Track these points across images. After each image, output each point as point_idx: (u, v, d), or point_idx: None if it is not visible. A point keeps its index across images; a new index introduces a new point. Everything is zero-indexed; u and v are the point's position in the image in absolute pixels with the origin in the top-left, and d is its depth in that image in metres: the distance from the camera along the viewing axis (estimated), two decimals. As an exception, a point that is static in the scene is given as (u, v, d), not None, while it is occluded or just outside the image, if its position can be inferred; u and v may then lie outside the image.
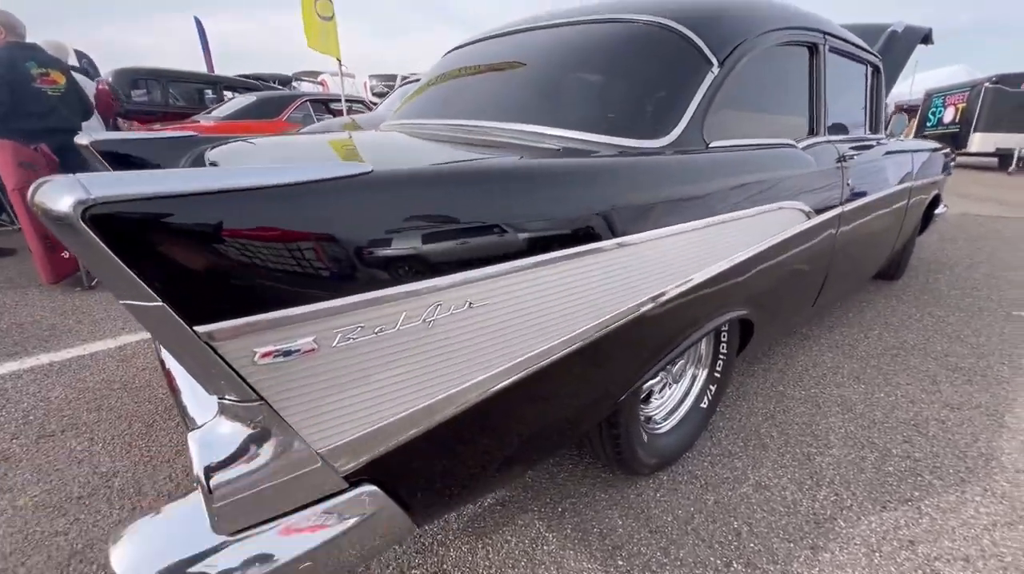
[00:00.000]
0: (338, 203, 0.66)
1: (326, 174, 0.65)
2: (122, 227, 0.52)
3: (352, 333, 0.68)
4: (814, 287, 1.90)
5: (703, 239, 1.22)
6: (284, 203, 0.62)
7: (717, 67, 1.35)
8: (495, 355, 0.85)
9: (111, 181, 0.52)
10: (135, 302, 0.56)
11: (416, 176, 0.76)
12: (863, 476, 1.51)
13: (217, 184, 0.57)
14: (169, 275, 0.56)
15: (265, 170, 0.62)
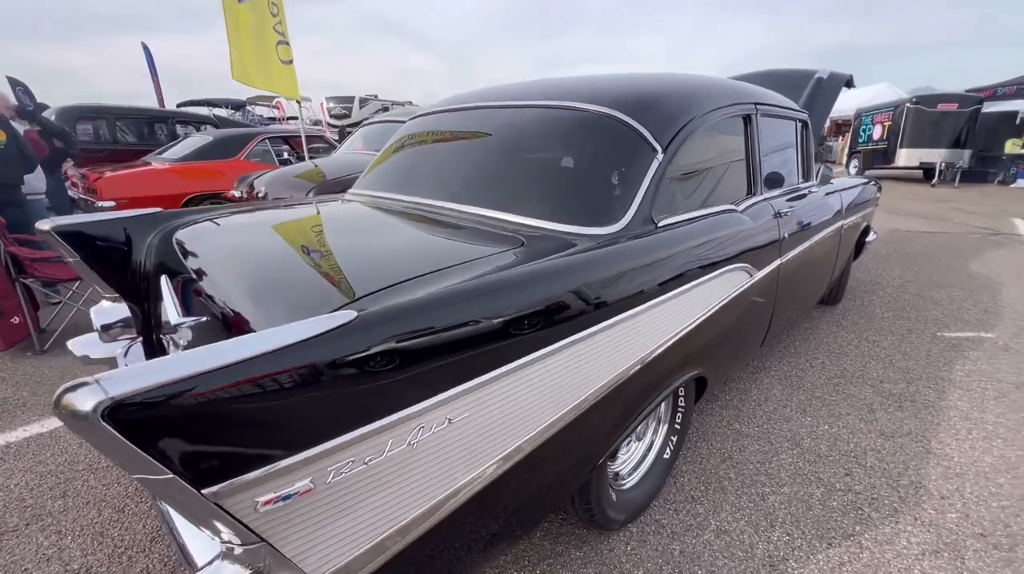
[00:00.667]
0: (325, 354, 0.73)
1: (313, 331, 0.72)
2: (135, 417, 0.57)
3: (344, 468, 0.75)
4: (761, 331, 2.07)
5: (659, 315, 1.34)
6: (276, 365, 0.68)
7: (661, 153, 1.49)
8: (475, 459, 0.93)
9: (124, 378, 0.57)
10: (147, 476, 0.61)
11: (395, 312, 0.83)
12: (811, 513, 1.65)
13: (214, 362, 0.63)
14: (177, 450, 0.61)
15: (255, 339, 0.68)
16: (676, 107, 1.61)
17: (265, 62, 4.43)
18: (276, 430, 0.68)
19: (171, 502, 0.66)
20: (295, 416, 0.70)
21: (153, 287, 1.68)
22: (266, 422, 0.67)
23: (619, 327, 1.21)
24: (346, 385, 0.74)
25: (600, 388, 1.18)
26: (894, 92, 15.99)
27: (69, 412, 0.54)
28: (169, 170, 4.95)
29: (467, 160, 1.75)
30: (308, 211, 1.84)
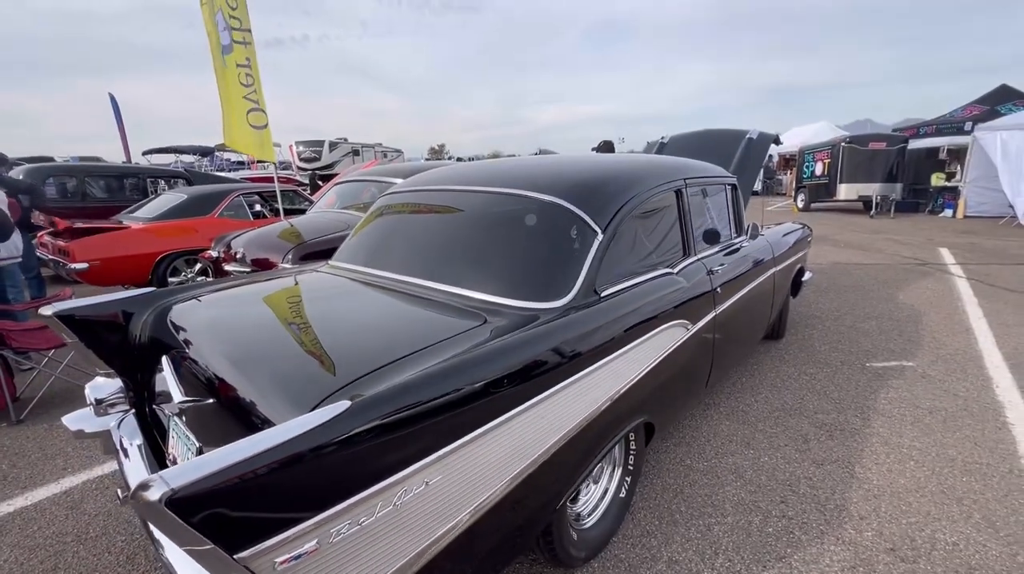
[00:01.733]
0: (325, 439, 0.93)
1: (314, 423, 0.92)
2: (187, 502, 0.76)
3: (343, 529, 0.94)
4: (703, 375, 2.34)
5: (606, 373, 1.58)
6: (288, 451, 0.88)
7: (601, 234, 1.77)
8: (451, 511, 1.13)
9: (181, 473, 0.76)
10: (195, 547, 0.79)
11: (380, 398, 1.04)
12: (750, 540, 1.88)
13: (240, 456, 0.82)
14: (217, 525, 0.80)
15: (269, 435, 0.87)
16: (613, 192, 1.91)
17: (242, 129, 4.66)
18: (290, 502, 0.87)
19: (208, 565, 0.83)
20: (305, 490, 0.89)
21: (148, 361, 1.83)
22: (282, 497, 0.86)
23: (572, 387, 1.44)
24: (343, 460, 0.94)
25: (558, 440, 1.40)
26: (831, 130, 17.38)
27: (143, 502, 0.73)
28: (143, 230, 5.04)
29: (433, 239, 2.00)
30: (292, 284, 2.03)
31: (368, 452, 0.97)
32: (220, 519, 0.80)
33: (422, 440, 1.06)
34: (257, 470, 0.83)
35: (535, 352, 1.38)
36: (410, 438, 1.04)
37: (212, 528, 0.79)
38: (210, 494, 0.78)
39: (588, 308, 1.64)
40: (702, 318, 2.19)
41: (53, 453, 2.60)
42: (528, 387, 1.31)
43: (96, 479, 2.36)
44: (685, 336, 2.04)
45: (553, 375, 1.39)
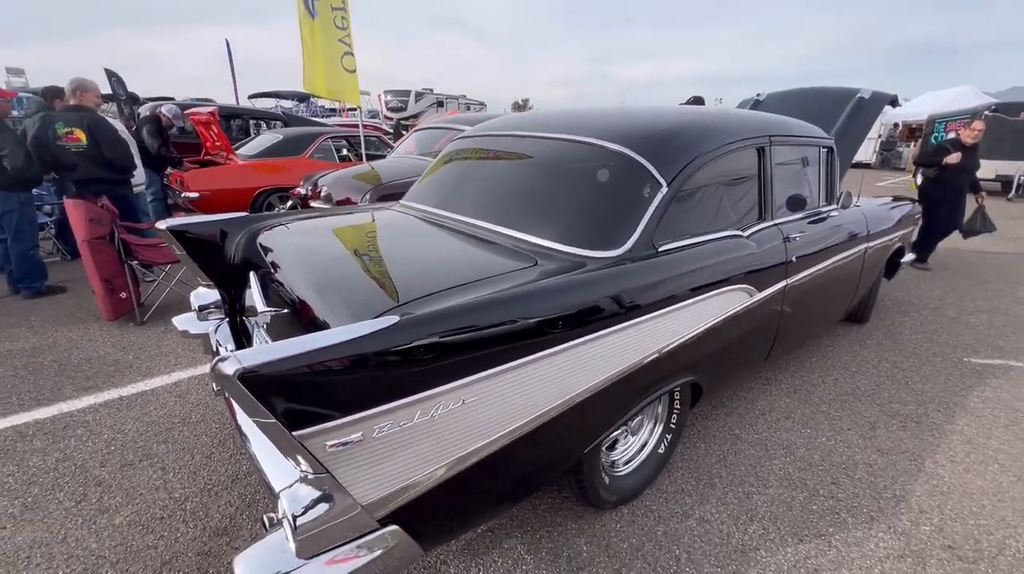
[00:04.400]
0: (376, 346, 1.03)
1: (369, 330, 1.02)
2: (257, 380, 0.89)
3: (385, 427, 1.05)
4: (765, 347, 2.24)
5: (655, 326, 1.57)
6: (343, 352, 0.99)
7: (666, 187, 1.71)
8: (484, 432, 1.21)
9: (251, 355, 0.89)
10: (261, 419, 0.93)
11: (427, 319, 1.12)
12: (790, 513, 1.84)
13: (305, 348, 0.94)
14: (281, 404, 0.93)
15: (330, 334, 0.99)
16: (684, 144, 1.82)
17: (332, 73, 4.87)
18: (342, 397, 0.99)
19: (271, 437, 0.97)
20: (354, 388, 1.00)
21: (239, 278, 2.07)
22: (335, 390, 0.98)
23: (614, 335, 1.46)
24: (388, 369, 1.04)
25: (596, 384, 1.43)
26: (976, 96, 14.91)
27: (220, 374, 0.87)
28: (244, 166, 5.53)
29: (497, 183, 2.03)
30: (366, 219, 2.18)
31: (412, 364, 1.07)
32: (282, 398, 0.93)
33: (462, 362, 1.14)
34: (314, 363, 0.95)
35: (581, 296, 1.40)
36: (451, 358, 1.12)
37: (275, 405, 0.92)
38: (274, 376, 0.91)
39: (643, 261, 1.62)
40: (769, 288, 2.07)
41: (167, 351, 3.04)
42: (570, 329, 1.34)
43: (199, 375, 2.75)
44: (746, 303, 1.96)
45: (595, 321, 1.41)
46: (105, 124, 3.78)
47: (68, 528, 1.72)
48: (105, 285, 3.27)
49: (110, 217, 3.29)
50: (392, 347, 1.04)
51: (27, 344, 3.11)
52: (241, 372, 0.87)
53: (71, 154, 3.65)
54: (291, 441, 0.96)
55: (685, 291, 1.69)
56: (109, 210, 3.34)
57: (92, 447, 2.15)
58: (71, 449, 2.13)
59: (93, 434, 2.23)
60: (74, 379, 2.71)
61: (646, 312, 1.55)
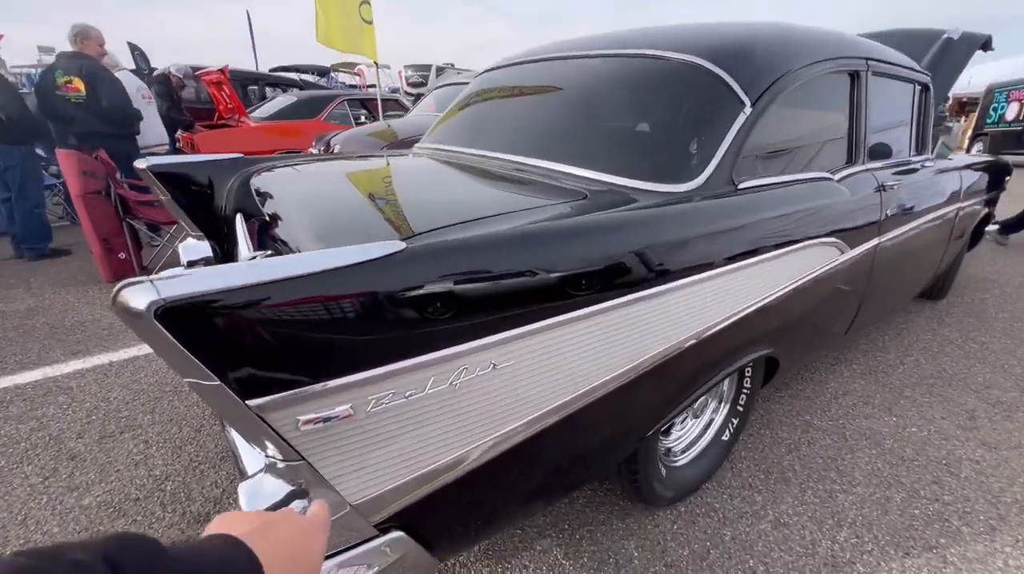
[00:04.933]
0: (373, 282, 0.71)
1: (363, 257, 0.71)
2: (185, 320, 0.59)
3: (384, 399, 0.74)
4: (846, 318, 1.87)
5: (730, 284, 1.23)
6: (325, 286, 0.68)
7: (749, 107, 1.34)
8: (518, 409, 0.90)
9: (177, 283, 0.59)
10: (197, 381, 0.63)
11: (444, 248, 0.81)
12: (887, 518, 1.50)
13: (264, 276, 0.63)
14: (225, 358, 0.62)
15: (305, 258, 0.68)
16: (770, 58, 1.44)
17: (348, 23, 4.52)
18: (321, 351, 0.68)
19: (220, 410, 0.68)
20: (339, 340, 0.69)
21: (231, 226, 1.78)
22: (312, 342, 0.67)
23: (683, 292, 1.12)
24: (390, 316, 0.73)
25: (657, 354, 1.10)
26: (1039, 65, 13.72)
27: (124, 308, 0.56)
28: (256, 128, 5.26)
29: (534, 113, 1.68)
30: (376, 162, 1.86)
31: (424, 311, 0.75)
32: (229, 350, 0.62)
33: (492, 312, 0.82)
34: (280, 301, 0.64)
35: (644, 236, 1.06)
36: (478, 306, 0.80)
37: (218, 360, 0.62)
38: (216, 316, 0.60)
39: (720, 199, 1.27)
40: (861, 245, 1.69)
41: (166, 316, 2.81)
42: (627, 280, 1.01)
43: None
44: (836, 262, 1.59)
45: (662, 272, 1.07)
46: (106, 74, 3.51)
47: (30, 508, 1.49)
48: (103, 244, 3.05)
49: (105, 171, 3.05)
50: (397, 284, 0.73)
51: (22, 306, 2.92)
52: (160, 307, 0.56)
53: (70, 105, 3.40)
54: (245, 414, 0.65)
55: (770, 241, 1.33)
56: (105, 163, 3.10)
57: (72, 416, 1.91)
58: (48, 417, 1.90)
59: (75, 402, 2.01)
60: (64, 343, 2.49)
61: (724, 263, 1.20)
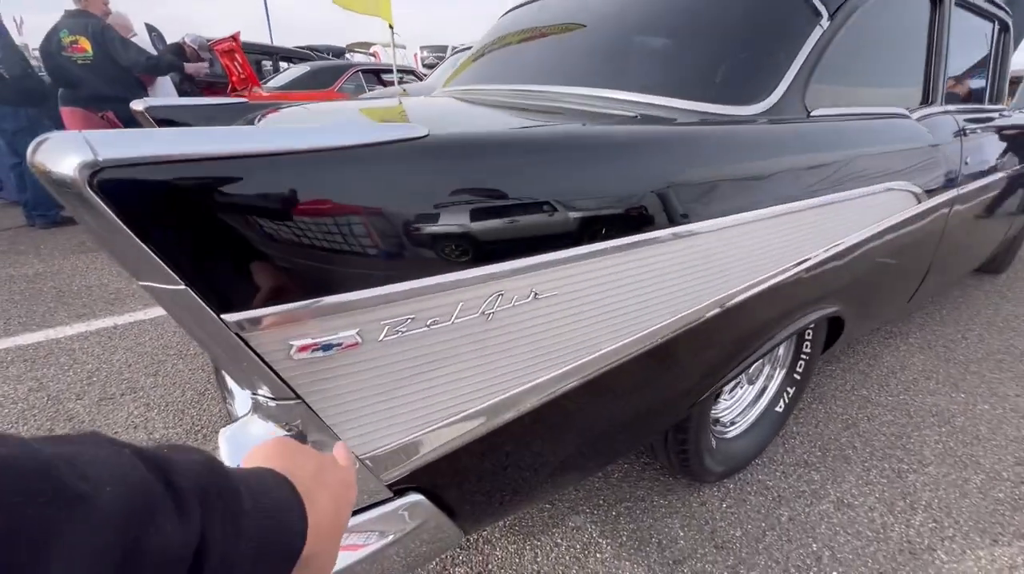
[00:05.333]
0: (387, 173, 0.56)
1: (373, 138, 0.55)
2: (136, 196, 0.43)
3: (401, 326, 0.58)
4: (914, 280, 1.66)
5: (800, 224, 1.05)
6: (326, 172, 0.52)
7: (826, 20, 1.14)
8: (560, 354, 0.74)
9: (125, 140, 0.43)
10: (155, 284, 0.48)
11: (478, 142, 0.64)
12: (967, 501, 1.31)
13: (250, 147, 0.48)
14: (193, 254, 0.47)
15: (304, 132, 0.52)
16: (851, -37, 1.23)
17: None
18: (319, 258, 0.53)
19: (191, 332, 0.53)
20: (343, 244, 0.53)
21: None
22: (307, 244, 0.52)
23: (752, 229, 0.94)
24: (410, 218, 0.57)
25: (720, 300, 0.93)
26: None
27: (43, 172, 0.41)
28: (270, 98, 5.11)
29: (572, 40, 1.49)
30: (392, 103, 1.69)
31: (451, 217, 0.59)
32: (196, 242, 0.47)
33: (535, 227, 0.66)
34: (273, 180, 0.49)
35: (714, 157, 0.89)
36: (518, 218, 0.64)
37: (181, 255, 0.47)
38: (180, 191, 0.45)
39: (791, 125, 1.08)
40: (937, 195, 1.48)
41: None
42: (696, 205, 0.83)
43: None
44: (913, 209, 1.38)
45: (731, 200, 0.89)
46: (113, 32, 3.38)
47: (21, 469, 1.38)
48: (111, 209, 2.94)
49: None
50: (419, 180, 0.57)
51: (31, 270, 2.85)
52: (96, 173, 0.41)
53: (77, 67, 3.27)
54: (221, 335, 0.50)
55: (844, 180, 1.14)
56: (111, 123, 2.98)
57: (72, 377, 1.81)
58: (48, 378, 1.80)
59: (76, 363, 1.91)
60: (70, 306, 2.40)
61: (789, 200, 1.02)
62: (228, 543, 0.26)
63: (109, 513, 0.21)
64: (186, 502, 0.25)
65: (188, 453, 0.29)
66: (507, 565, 1.13)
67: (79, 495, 0.20)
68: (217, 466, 0.28)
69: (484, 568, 1.13)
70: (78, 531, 0.19)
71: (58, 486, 0.20)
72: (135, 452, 0.25)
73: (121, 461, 0.23)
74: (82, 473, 0.21)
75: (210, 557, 0.25)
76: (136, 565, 0.22)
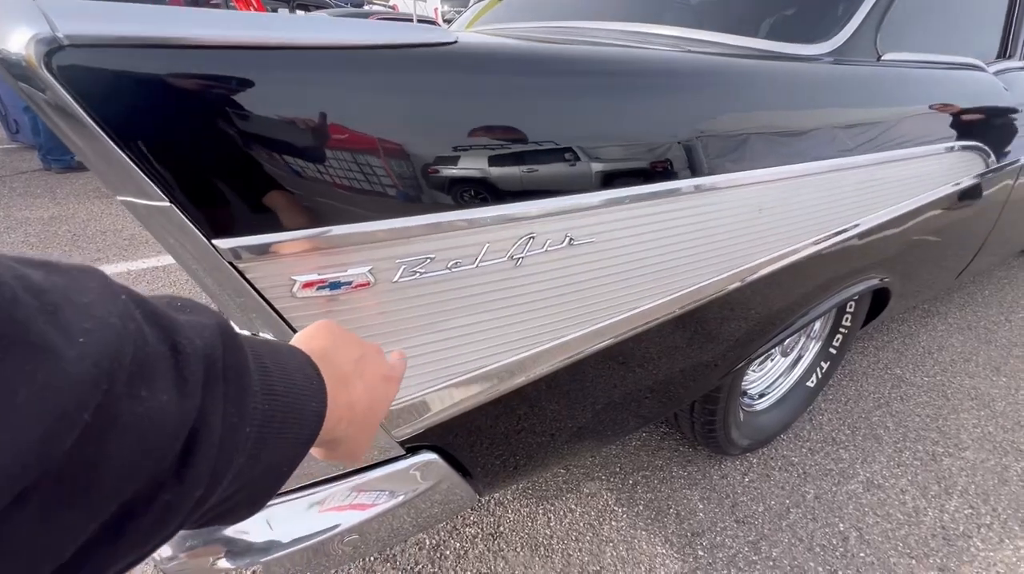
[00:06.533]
0: (409, 82, 0.47)
1: (394, 38, 0.46)
2: (108, 86, 0.36)
3: (418, 266, 0.51)
4: (968, 253, 1.54)
5: (863, 180, 0.94)
6: (339, 74, 0.44)
7: (909, -53, 1.00)
8: (593, 310, 0.66)
9: (94, 13, 0.35)
10: (135, 200, 0.41)
11: (514, 54, 0.55)
12: (1007, 489, 1.24)
13: (252, 36, 0.40)
14: (181, 165, 0.40)
15: (316, 24, 0.44)
16: None
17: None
18: (328, 180, 0.45)
19: (178, 257, 0.46)
20: (355, 165, 0.46)
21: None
22: (315, 163, 0.44)
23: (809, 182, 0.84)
24: (430, 143, 0.49)
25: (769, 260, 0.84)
26: None
27: None
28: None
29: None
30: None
31: (479, 144, 0.51)
32: (183, 152, 0.40)
33: (571, 163, 0.57)
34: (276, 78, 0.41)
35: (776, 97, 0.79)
36: (554, 150, 0.56)
37: (164, 165, 0.39)
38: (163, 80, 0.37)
39: (858, 67, 0.96)
40: (1007, 158, 1.35)
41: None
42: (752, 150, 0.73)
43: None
44: (979, 171, 1.26)
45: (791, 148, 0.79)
46: None
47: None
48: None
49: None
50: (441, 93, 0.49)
51: (46, 214, 2.83)
52: (55, 49, 0.34)
53: None
54: (213, 264, 0.44)
55: (913, 133, 1.02)
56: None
57: (85, 320, 1.80)
58: (61, 320, 1.79)
59: (89, 307, 1.89)
60: (84, 250, 2.38)
61: (857, 150, 0.91)
62: (228, 426, 0.23)
63: (77, 374, 0.16)
64: (187, 372, 0.21)
65: (198, 313, 0.25)
66: (519, 528, 1.10)
67: (43, 347, 0.16)
68: (229, 334, 0.24)
69: (496, 530, 1.09)
70: (33, 392, 0.15)
71: (17, 331, 0.15)
72: (135, 300, 0.21)
73: (112, 308, 0.19)
74: (57, 317, 0.17)
75: (203, 441, 0.21)
76: (110, 439, 0.17)
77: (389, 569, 1.02)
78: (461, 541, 1.08)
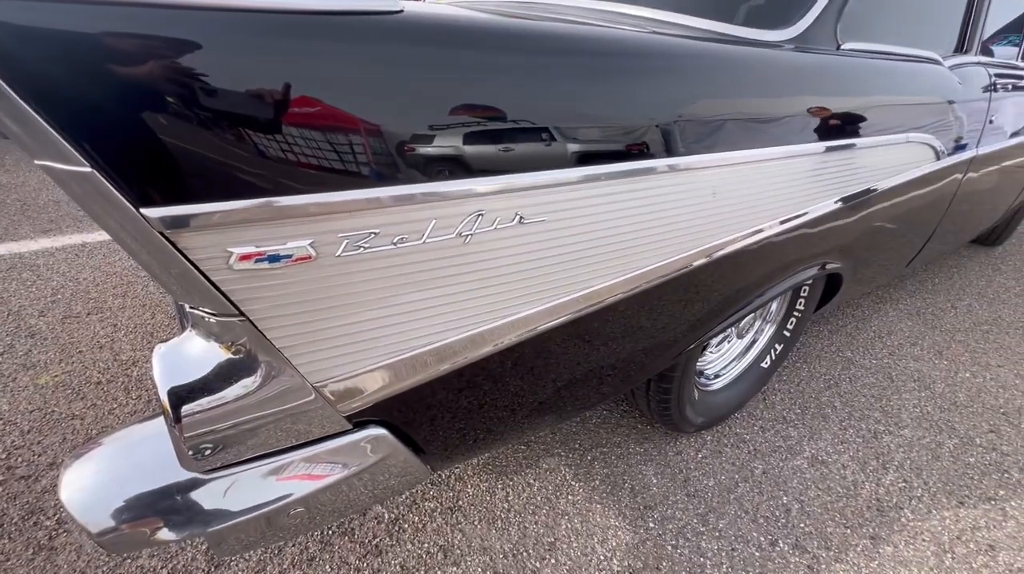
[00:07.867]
0: (351, 52, 0.46)
1: (339, 5, 0.45)
2: (21, 41, 0.34)
3: (362, 240, 0.51)
4: (918, 242, 1.61)
5: (816, 167, 0.97)
6: (279, 39, 0.43)
7: (873, -64, 1.01)
8: (544, 287, 0.67)
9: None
10: (53, 164, 0.39)
11: (462, 27, 0.54)
12: (938, 464, 1.32)
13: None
14: (102, 127, 0.38)
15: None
16: None
17: None
18: (265, 148, 0.44)
19: (106, 228, 0.45)
20: (295, 134, 0.45)
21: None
22: (251, 130, 0.43)
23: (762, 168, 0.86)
24: (374, 115, 0.48)
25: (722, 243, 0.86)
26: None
27: None
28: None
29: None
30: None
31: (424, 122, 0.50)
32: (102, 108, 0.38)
33: (523, 140, 0.57)
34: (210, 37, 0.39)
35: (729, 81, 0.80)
36: (505, 126, 0.55)
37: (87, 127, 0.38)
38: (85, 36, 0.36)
39: (818, 55, 0.97)
40: (958, 152, 1.40)
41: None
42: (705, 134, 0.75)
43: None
44: (931, 165, 1.30)
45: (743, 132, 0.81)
46: None
47: (-22, 383, 1.33)
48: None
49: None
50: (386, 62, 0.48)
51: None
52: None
53: None
54: (143, 235, 0.43)
55: (868, 123, 1.05)
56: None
57: (35, 294, 1.73)
58: (9, 293, 1.72)
59: (40, 279, 1.82)
60: (35, 220, 2.28)
61: (813, 139, 0.93)
62: None
63: None
64: None
65: None
66: (477, 502, 1.12)
67: None
68: None
69: (455, 504, 1.12)
70: None
71: None
72: None
73: None
74: None
75: None
76: None
77: (347, 542, 1.03)
78: (420, 515, 1.09)
